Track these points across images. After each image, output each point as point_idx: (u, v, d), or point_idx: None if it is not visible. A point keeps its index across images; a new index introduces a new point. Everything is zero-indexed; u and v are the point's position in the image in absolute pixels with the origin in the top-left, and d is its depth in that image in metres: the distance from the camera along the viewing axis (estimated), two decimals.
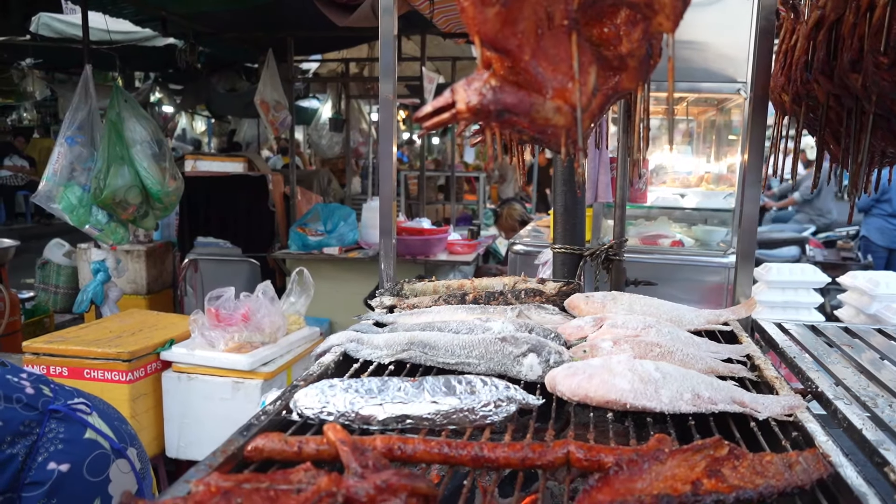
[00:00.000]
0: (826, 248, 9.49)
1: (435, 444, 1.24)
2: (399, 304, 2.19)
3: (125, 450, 1.63)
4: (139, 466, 1.66)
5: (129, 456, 1.63)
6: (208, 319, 3.98)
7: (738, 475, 1.13)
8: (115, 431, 1.67)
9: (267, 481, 1.09)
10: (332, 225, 6.34)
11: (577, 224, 2.52)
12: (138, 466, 1.66)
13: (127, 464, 1.61)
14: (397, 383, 1.44)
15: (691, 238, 3.67)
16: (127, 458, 1.62)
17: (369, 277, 5.96)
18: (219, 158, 8.93)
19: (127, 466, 1.62)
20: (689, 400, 1.48)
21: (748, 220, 2.19)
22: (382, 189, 2.33)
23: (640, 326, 1.83)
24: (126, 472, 1.61)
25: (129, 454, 1.63)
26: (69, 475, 1.49)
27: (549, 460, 1.23)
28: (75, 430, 1.59)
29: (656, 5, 0.99)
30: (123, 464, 1.61)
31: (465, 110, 1.02)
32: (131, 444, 1.68)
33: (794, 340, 1.98)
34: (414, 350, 1.76)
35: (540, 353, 1.66)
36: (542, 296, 2.14)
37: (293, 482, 1.10)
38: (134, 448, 1.69)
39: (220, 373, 3.81)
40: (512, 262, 3.76)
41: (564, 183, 2.47)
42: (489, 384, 1.46)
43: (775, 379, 1.65)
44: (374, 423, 1.39)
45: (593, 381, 1.52)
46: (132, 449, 1.67)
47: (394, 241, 2.38)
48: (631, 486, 1.12)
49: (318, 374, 1.65)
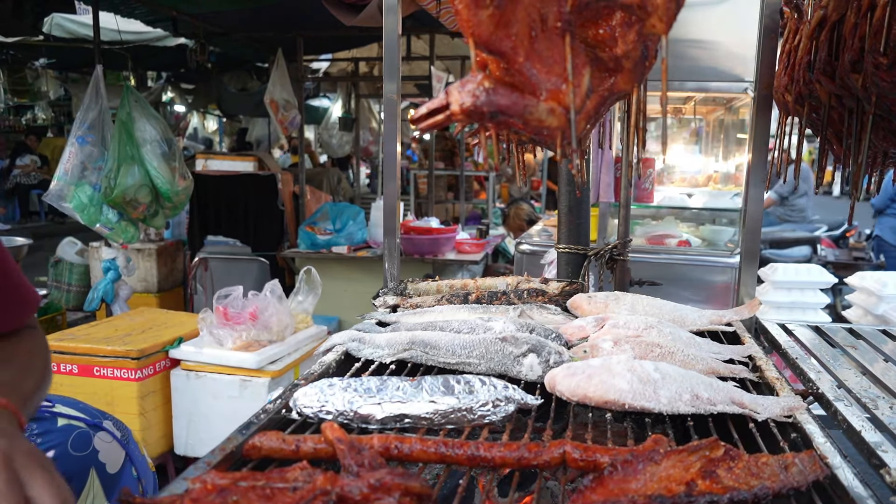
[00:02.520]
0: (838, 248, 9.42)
1: (432, 444, 1.25)
2: (402, 304, 2.20)
3: (101, 423, 1.73)
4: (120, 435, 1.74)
5: (106, 427, 1.73)
6: (216, 318, 4.01)
7: (734, 476, 1.13)
8: (83, 411, 1.76)
9: (263, 479, 1.10)
10: (340, 224, 6.37)
11: (581, 224, 2.52)
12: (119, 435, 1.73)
13: (107, 434, 1.71)
14: (396, 383, 1.45)
15: (698, 238, 3.66)
16: (105, 429, 1.73)
17: (378, 276, 5.97)
18: (229, 157, 8.97)
19: (108, 437, 1.71)
20: (688, 401, 1.48)
21: (752, 219, 2.18)
22: (387, 188, 2.34)
23: (642, 327, 1.83)
24: (109, 441, 1.71)
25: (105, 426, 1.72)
26: (57, 458, 1.57)
27: (546, 460, 1.23)
28: (47, 424, 1.66)
29: (649, 7, 0.99)
30: (104, 435, 1.71)
31: (459, 112, 1.03)
32: (105, 418, 1.76)
33: (797, 341, 1.98)
34: (415, 349, 1.77)
35: (540, 353, 1.66)
36: (544, 296, 2.14)
37: (289, 480, 1.11)
38: (109, 420, 1.77)
39: (227, 371, 3.84)
40: (518, 262, 3.76)
41: (569, 182, 2.47)
42: (487, 384, 1.46)
43: (776, 380, 1.64)
44: (373, 423, 1.40)
45: (592, 381, 1.52)
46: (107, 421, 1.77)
47: (398, 240, 2.38)
48: (625, 486, 1.12)
49: (319, 373, 1.67)
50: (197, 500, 1.02)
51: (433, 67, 7.44)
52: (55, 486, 0.98)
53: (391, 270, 2.41)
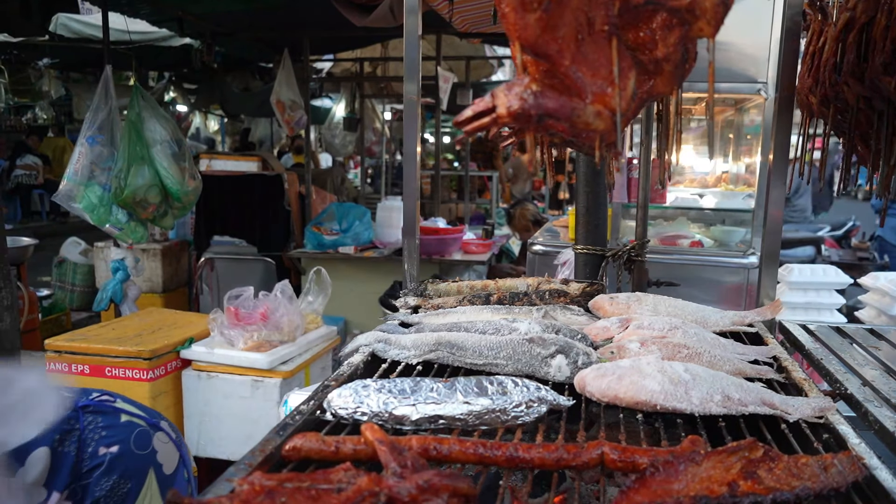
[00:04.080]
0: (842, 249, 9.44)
1: (470, 445, 1.25)
2: (424, 305, 2.20)
3: (159, 423, 1.75)
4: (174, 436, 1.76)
5: (164, 428, 1.74)
6: (227, 318, 4.01)
7: (775, 477, 1.14)
8: (142, 410, 1.79)
9: (308, 480, 1.10)
10: (347, 224, 6.37)
11: (599, 225, 2.53)
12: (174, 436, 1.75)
13: (164, 435, 1.73)
14: (430, 384, 1.46)
15: (710, 238, 3.66)
16: (163, 429, 1.75)
17: (384, 276, 5.99)
18: (233, 157, 8.97)
19: (165, 437, 1.73)
20: (720, 402, 1.49)
21: (773, 221, 2.18)
22: (406, 189, 2.34)
23: (667, 327, 1.84)
24: (166, 442, 1.73)
25: (163, 426, 1.73)
26: (120, 454, 1.59)
27: (584, 461, 1.24)
28: (111, 418, 1.68)
29: (697, 10, 1.00)
30: (162, 435, 1.73)
31: (506, 115, 1.03)
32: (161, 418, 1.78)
33: (819, 342, 1.98)
34: (441, 351, 1.77)
35: (568, 354, 1.67)
36: (566, 296, 2.15)
37: (333, 482, 1.11)
38: (164, 421, 1.79)
39: (239, 371, 3.84)
40: (531, 262, 3.76)
41: (587, 184, 2.48)
42: (520, 385, 1.47)
43: (804, 381, 1.65)
44: (407, 424, 1.40)
45: (623, 382, 1.52)
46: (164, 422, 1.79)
47: (417, 241, 2.39)
48: (668, 487, 1.13)
49: (348, 375, 1.67)
50: (246, 501, 1.03)
51: (439, 68, 7.44)
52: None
53: (411, 271, 2.41)
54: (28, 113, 18.04)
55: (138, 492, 1.60)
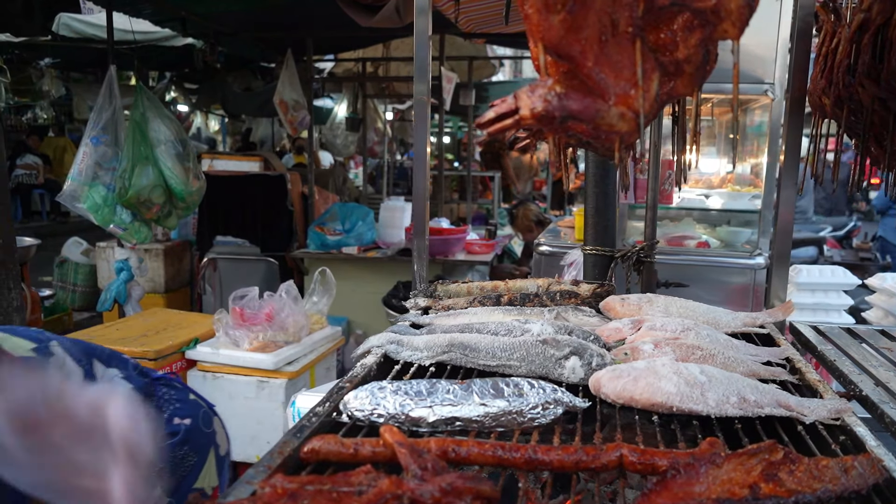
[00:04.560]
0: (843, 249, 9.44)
1: (489, 447, 1.25)
2: (434, 306, 2.20)
3: (214, 408, 1.81)
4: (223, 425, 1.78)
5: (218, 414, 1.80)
6: (232, 319, 4.01)
7: (796, 479, 1.14)
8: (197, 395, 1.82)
9: (329, 483, 1.10)
10: (350, 224, 6.37)
11: (608, 225, 2.52)
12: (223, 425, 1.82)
13: (219, 420, 1.78)
14: (446, 385, 1.45)
15: (716, 239, 3.66)
16: (217, 416, 1.79)
17: (387, 277, 5.98)
18: (235, 157, 8.97)
19: (220, 423, 1.78)
20: (736, 403, 1.48)
21: (784, 222, 2.19)
22: (416, 189, 2.34)
23: (680, 329, 1.84)
24: (221, 428, 1.78)
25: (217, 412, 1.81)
26: (192, 428, 1.64)
27: (603, 463, 1.23)
28: (182, 393, 1.75)
29: (723, 12, 1.00)
30: (217, 420, 1.77)
31: (530, 116, 1.03)
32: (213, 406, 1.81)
33: (831, 343, 1.98)
34: (454, 352, 1.77)
35: (582, 355, 1.66)
36: (576, 297, 2.15)
37: (354, 484, 1.11)
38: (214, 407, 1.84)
39: (244, 372, 3.84)
40: (537, 263, 3.76)
41: (596, 184, 2.47)
42: (536, 387, 1.46)
43: (818, 382, 1.65)
44: (424, 426, 1.40)
45: (639, 383, 1.52)
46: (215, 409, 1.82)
47: (427, 241, 2.38)
48: (689, 489, 1.13)
49: (362, 376, 1.67)
50: (268, 503, 1.02)
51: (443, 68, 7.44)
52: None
53: (420, 272, 2.41)
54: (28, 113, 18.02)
55: (201, 467, 1.64)
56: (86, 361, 1.53)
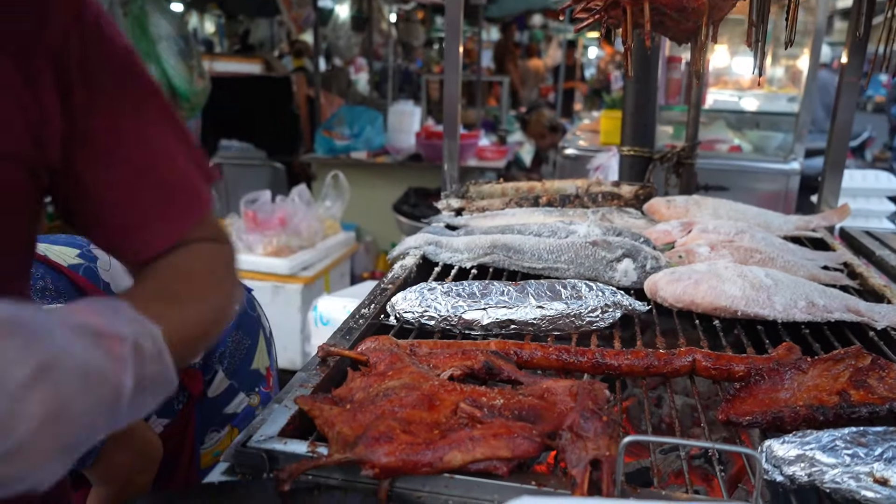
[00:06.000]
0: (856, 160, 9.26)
1: (553, 350, 1.18)
2: (467, 207, 2.10)
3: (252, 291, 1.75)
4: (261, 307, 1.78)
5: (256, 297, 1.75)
6: (245, 223, 3.92)
7: (887, 386, 1.06)
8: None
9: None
10: (358, 128, 6.16)
11: (647, 125, 2.39)
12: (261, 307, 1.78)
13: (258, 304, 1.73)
14: (500, 287, 1.37)
15: (747, 143, 3.51)
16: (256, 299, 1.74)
17: (397, 183, 5.84)
18: (236, 59, 8.65)
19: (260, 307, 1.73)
20: (804, 308, 1.40)
21: (841, 126, 2.06)
22: (447, 91, 2.20)
23: (733, 231, 1.74)
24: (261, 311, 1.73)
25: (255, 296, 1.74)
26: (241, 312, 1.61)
27: (675, 368, 1.16)
28: None
29: None
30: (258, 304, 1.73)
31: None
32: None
33: (888, 248, 1.89)
34: (497, 254, 1.68)
35: (636, 257, 1.57)
36: (619, 199, 2.04)
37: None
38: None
39: (259, 277, 3.77)
40: (561, 168, 3.62)
41: (638, 80, 2.32)
42: (595, 289, 1.38)
43: (884, 287, 1.57)
44: (477, 328, 1.32)
45: (700, 287, 1.44)
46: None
47: (458, 142, 2.26)
48: (774, 395, 1.06)
49: (403, 278, 1.58)
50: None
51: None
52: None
53: (451, 173, 2.29)
54: None
55: (255, 349, 1.63)
56: None
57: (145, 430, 1.31)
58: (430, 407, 0.93)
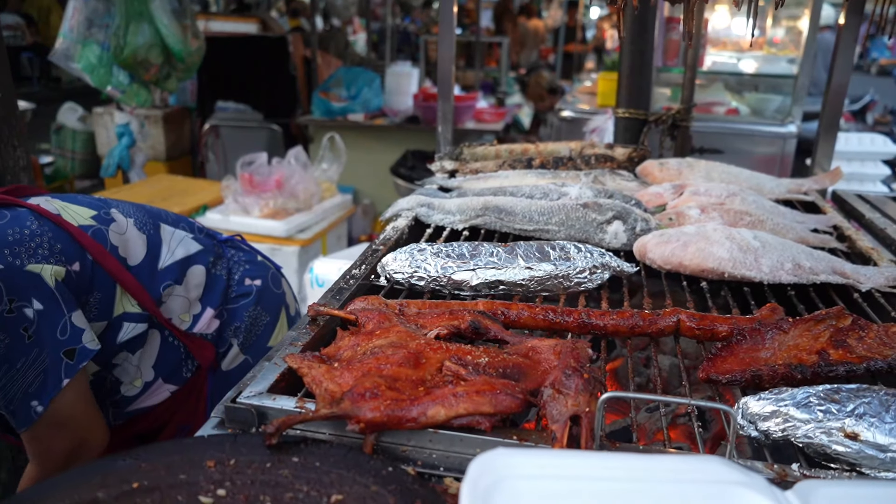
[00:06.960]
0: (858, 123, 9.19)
1: (539, 311, 1.19)
2: (461, 169, 2.10)
3: (281, 270, 1.81)
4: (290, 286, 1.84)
5: (285, 276, 1.80)
6: (241, 185, 3.91)
7: (865, 346, 1.09)
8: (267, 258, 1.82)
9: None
10: (355, 90, 6.11)
11: (643, 87, 2.37)
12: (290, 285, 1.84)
13: (286, 282, 1.79)
14: (489, 248, 1.38)
15: (745, 106, 3.49)
16: (285, 277, 1.80)
17: (395, 146, 5.82)
18: (231, 18, 8.51)
19: (287, 284, 1.80)
20: (790, 270, 1.42)
21: (837, 87, 2.05)
22: (442, 51, 2.18)
23: (724, 194, 1.75)
24: (289, 289, 1.80)
25: (284, 274, 1.80)
26: (263, 288, 1.66)
27: (660, 328, 1.18)
28: (250, 255, 1.74)
29: None
30: (285, 281, 1.79)
31: None
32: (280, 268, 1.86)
33: (879, 211, 1.90)
34: (489, 216, 1.69)
35: (626, 219, 1.58)
36: (612, 161, 2.04)
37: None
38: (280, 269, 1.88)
39: (256, 239, 3.78)
40: (557, 130, 3.61)
41: (632, 41, 2.30)
42: (584, 250, 1.39)
43: (871, 250, 1.58)
44: (466, 289, 1.34)
45: (688, 249, 1.45)
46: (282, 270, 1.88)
47: (452, 104, 2.25)
48: (755, 354, 1.08)
49: (394, 239, 1.59)
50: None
51: None
52: None
53: (445, 135, 2.29)
54: None
55: (273, 327, 1.66)
56: (151, 225, 1.52)
57: (92, 419, 1.33)
58: (416, 365, 0.95)
